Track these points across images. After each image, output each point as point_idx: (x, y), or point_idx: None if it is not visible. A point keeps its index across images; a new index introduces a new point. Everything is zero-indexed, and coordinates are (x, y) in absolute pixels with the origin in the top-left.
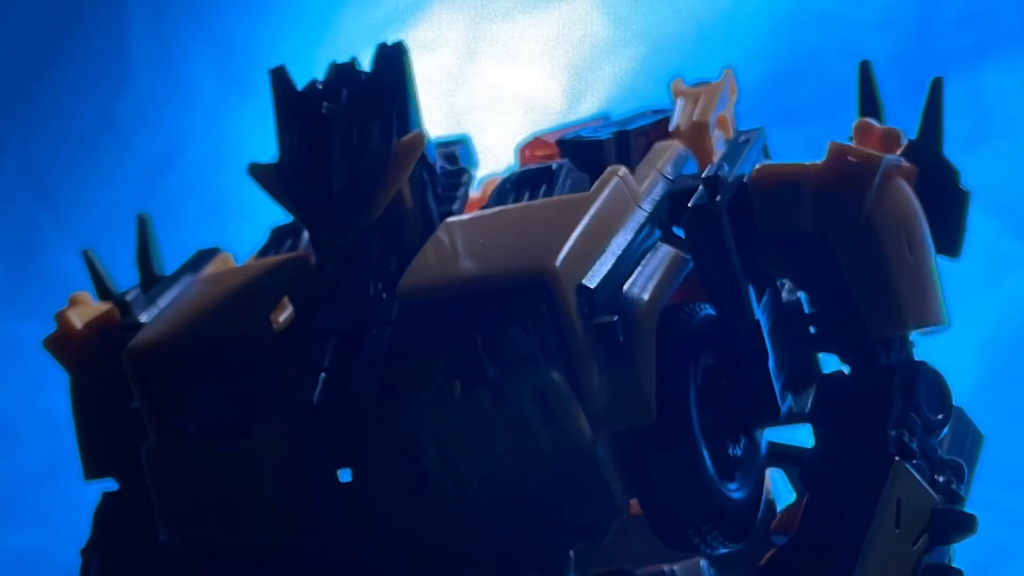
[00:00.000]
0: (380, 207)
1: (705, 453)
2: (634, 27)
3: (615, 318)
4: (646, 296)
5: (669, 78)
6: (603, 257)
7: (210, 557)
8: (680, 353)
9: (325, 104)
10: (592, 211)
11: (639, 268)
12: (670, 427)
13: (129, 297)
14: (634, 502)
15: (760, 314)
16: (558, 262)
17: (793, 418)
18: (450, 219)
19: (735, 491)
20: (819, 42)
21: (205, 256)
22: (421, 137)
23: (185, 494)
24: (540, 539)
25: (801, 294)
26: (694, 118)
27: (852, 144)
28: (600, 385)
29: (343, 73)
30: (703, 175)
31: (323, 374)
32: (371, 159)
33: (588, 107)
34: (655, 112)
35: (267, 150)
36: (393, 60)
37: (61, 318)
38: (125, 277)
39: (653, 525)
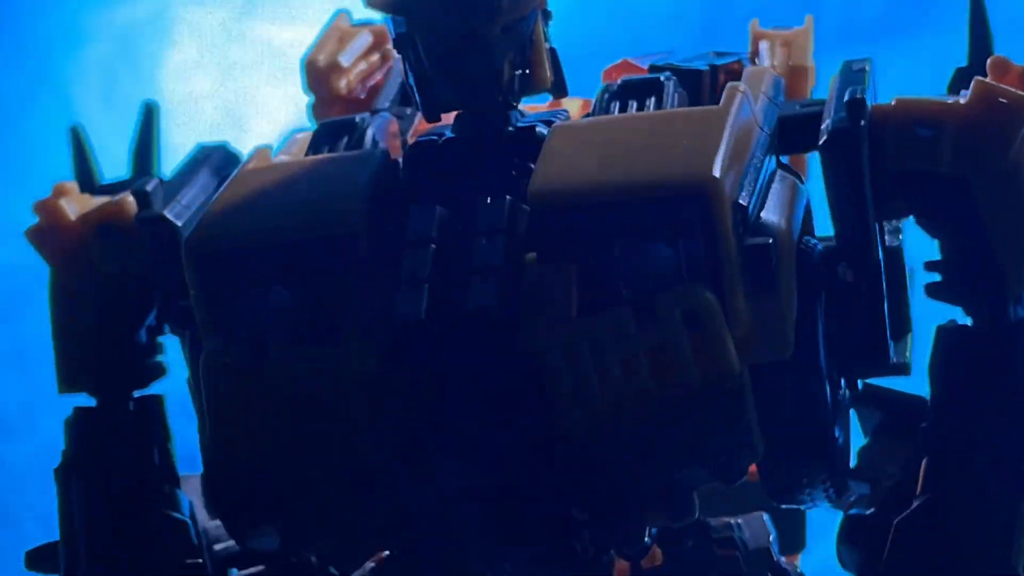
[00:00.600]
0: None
1: (829, 396)
2: None
3: (769, 240)
4: (784, 224)
5: None
6: (746, 177)
7: (265, 485)
8: (807, 288)
9: None
10: (729, 126)
11: (769, 195)
12: (800, 365)
13: (148, 187)
14: None
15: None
16: (718, 173)
17: (894, 368)
18: (562, 123)
19: (839, 440)
20: (607, 31)
21: (213, 152)
22: None
23: (249, 410)
24: (668, 477)
25: (901, 240)
26: (792, 62)
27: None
28: (744, 313)
29: None
30: (846, 99)
31: (426, 285)
32: None
33: None
34: (719, 54)
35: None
36: None
37: (51, 208)
38: None
39: (766, 469)
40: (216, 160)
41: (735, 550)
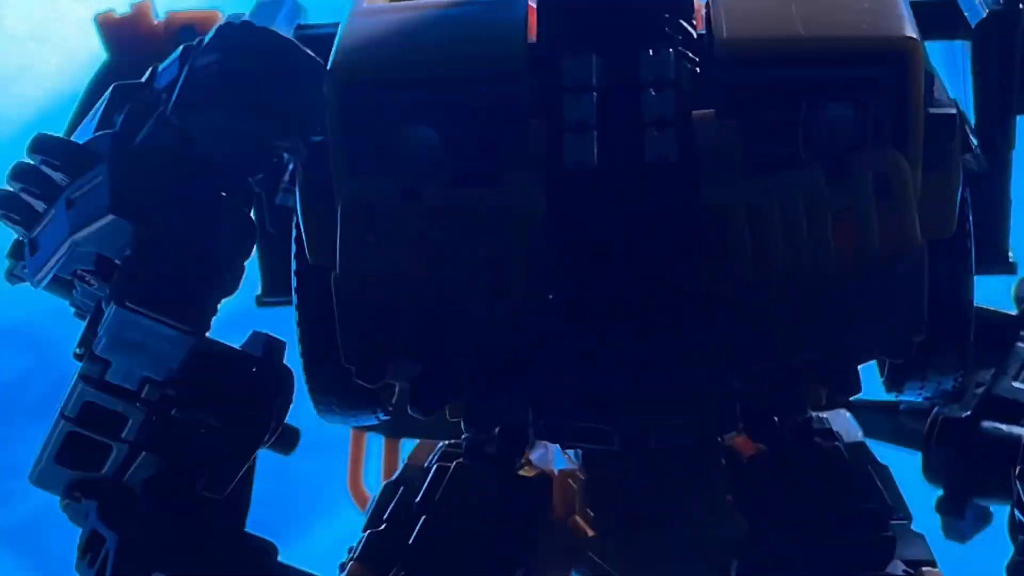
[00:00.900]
0: None
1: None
2: None
3: (953, 111)
4: (949, 100)
5: None
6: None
7: (406, 327)
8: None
9: None
10: None
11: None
12: (953, 247)
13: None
14: None
15: None
16: (915, 34)
17: (1009, 267)
18: None
19: None
20: None
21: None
22: None
23: (395, 253)
24: (838, 347)
25: None
26: None
27: None
28: (919, 184)
29: None
30: None
31: (595, 132)
32: None
33: None
34: None
35: None
36: None
37: (139, 6)
38: None
39: None
40: (286, 9)
41: (835, 441)
